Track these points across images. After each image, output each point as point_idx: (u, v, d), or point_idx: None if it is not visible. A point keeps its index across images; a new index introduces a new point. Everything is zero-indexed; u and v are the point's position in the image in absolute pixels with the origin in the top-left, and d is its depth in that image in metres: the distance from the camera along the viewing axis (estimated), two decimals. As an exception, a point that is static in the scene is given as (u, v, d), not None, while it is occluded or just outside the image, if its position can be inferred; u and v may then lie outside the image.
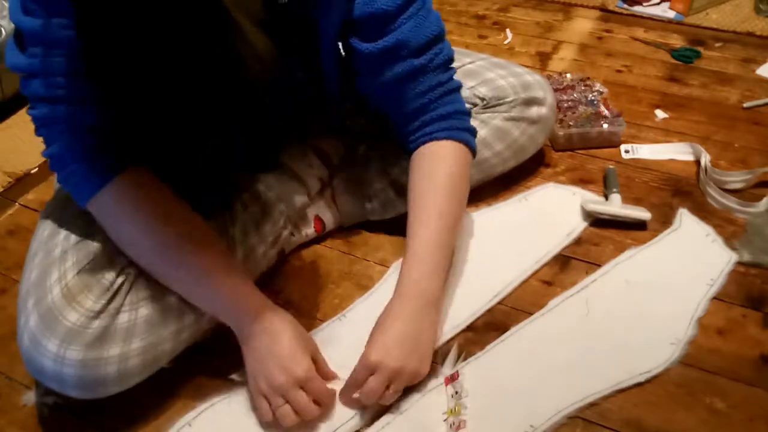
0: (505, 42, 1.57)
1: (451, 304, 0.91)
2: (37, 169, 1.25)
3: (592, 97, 1.23)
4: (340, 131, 1.05)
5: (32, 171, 1.25)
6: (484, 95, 1.03)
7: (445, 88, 0.87)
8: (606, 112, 1.20)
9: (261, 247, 0.93)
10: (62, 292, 0.75)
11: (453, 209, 0.87)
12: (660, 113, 1.29)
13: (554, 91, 1.13)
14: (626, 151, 1.18)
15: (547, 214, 1.06)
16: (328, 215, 1.03)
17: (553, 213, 1.07)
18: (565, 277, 0.96)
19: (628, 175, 1.13)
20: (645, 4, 1.64)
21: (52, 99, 0.72)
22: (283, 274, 1.00)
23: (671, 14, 1.61)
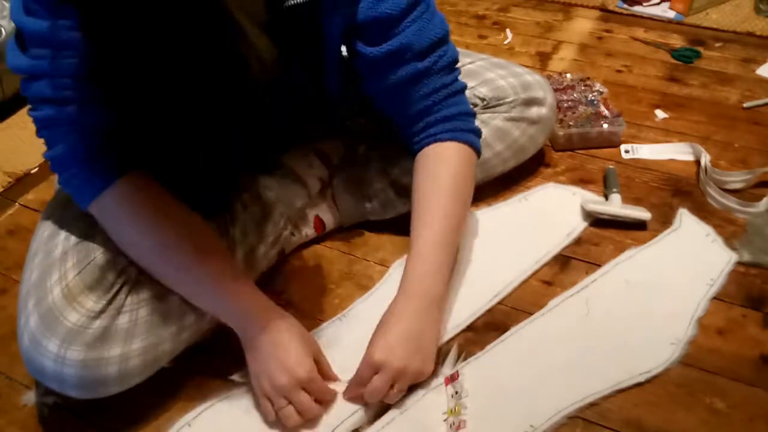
0: (505, 42, 1.57)
1: (452, 304, 0.91)
2: (37, 169, 1.25)
3: (592, 97, 1.23)
4: (340, 131, 1.05)
5: (32, 171, 1.25)
6: (484, 95, 1.03)
7: (450, 90, 0.87)
8: (606, 112, 1.20)
9: (261, 247, 0.93)
10: (63, 293, 0.75)
11: (457, 210, 0.87)
12: (660, 113, 1.29)
13: (554, 91, 1.13)
14: (626, 151, 1.18)
15: (547, 214, 1.06)
16: (328, 215, 1.03)
17: (553, 213, 1.07)
18: (565, 277, 0.96)
19: (628, 175, 1.13)
20: (645, 4, 1.64)
21: (59, 100, 0.72)
22: (284, 275, 1.00)
23: (671, 14, 1.61)
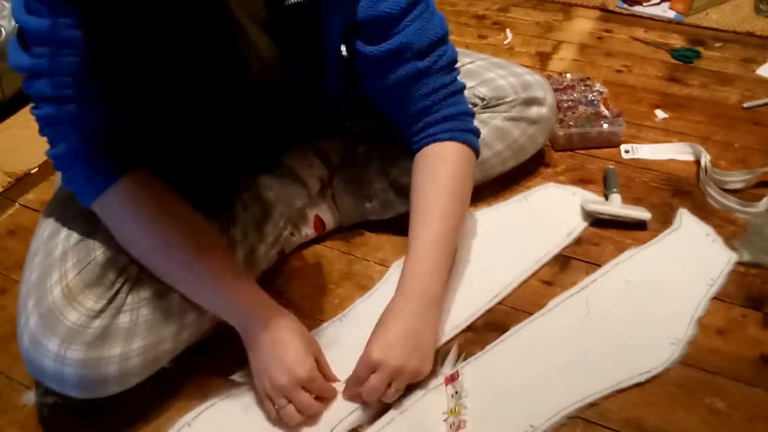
0: (505, 42, 1.57)
1: (452, 305, 0.91)
2: (37, 169, 1.25)
3: (592, 97, 1.23)
4: (340, 131, 1.05)
5: (32, 171, 1.25)
6: (483, 95, 1.03)
7: (449, 90, 0.87)
8: (606, 112, 1.20)
9: (261, 247, 0.93)
10: (63, 292, 0.75)
11: (455, 210, 0.87)
12: (660, 113, 1.29)
13: (554, 91, 1.13)
14: (626, 151, 1.18)
15: (547, 214, 1.06)
16: (328, 215, 1.03)
17: (553, 213, 1.07)
18: (565, 277, 0.96)
19: (628, 175, 1.13)
20: (645, 4, 1.64)
21: (59, 99, 0.72)
22: (284, 274, 1.00)
23: (671, 14, 1.61)
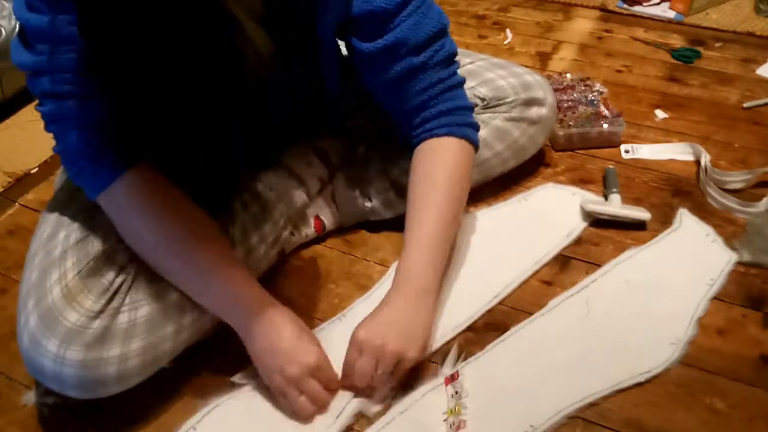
0: (505, 42, 1.57)
1: (452, 305, 0.91)
2: (37, 169, 1.25)
3: (592, 97, 1.23)
4: (340, 131, 1.05)
5: (32, 171, 1.25)
6: (484, 95, 1.03)
7: (446, 85, 0.87)
8: (606, 112, 1.20)
9: (261, 247, 0.93)
10: (62, 293, 0.75)
11: (451, 207, 0.87)
12: (660, 113, 1.29)
13: (554, 91, 1.13)
14: (626, 151, 1.18)
15: (547, 214, 1.06)
16: (328, 215, 1.03)
17: (553, 213, 1.06)
18: (565, 277, 0.96)
19: (628, 175, 1.13)
20: (645, 4, 1.64)
21: (60, 95, 0.72)
22: (283, 274, 1.00)
23: (671, 14, 1.61)
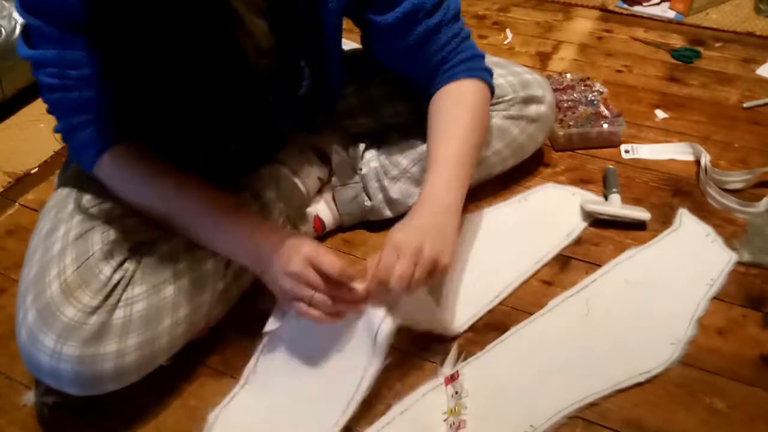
0: (505, 42, 1.57)
1: (452, 305, 0.91)
2: (37, 169, 1.25)
3: (592, 97, 1.23)
4: (340, 131, 1.05)
5: (32, 171, 1.25)
6: (483, 94, 1.03)
7: (460, 38, 0.90)
8: (606, 112, 1.20)
9: (261, 246, 0.93)
10: (61, 288, 0.75)
11: (473, 134, 0.88)
12: (660, 113, 1.29)
13: (554, 91, 1.13)
14: (626, 151, 1.18)
15: (547, 214, 1.06)
16: (328, 215, 1.03)
17: (553, 213, 1.06)
18: (565, 277, 0.96)
19: (628, 175, 1.13)
20: (645, 4, 1.64)
21: (60, 87, 0.76)
22: (283, 274, 1.00)
23: (671, 14, 1.61)
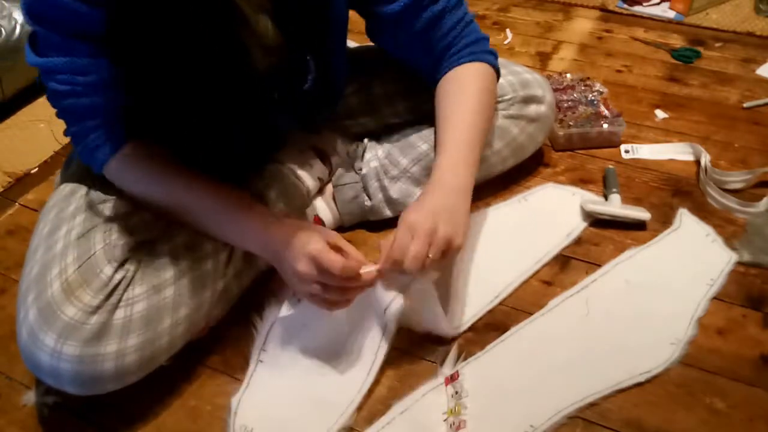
0: (505, 42, 1.57)
1: (453, 305, 0.91)
2: (37, 169, 1.25)
3: (592, 97, 1.23)
4: (340, 131, 1.05)
5: (32, 171, 1.25)
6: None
7: (464, 22, 0.91)
8: (606, 112, 1.20)
9: (261, 246, 0.93)
10: (62, 287, 0.75)
11: (482, 117, 0.89)
12: (660, 113, 1.29)
13: (554, 91, 1.13)
14: (626, 151, 1.18)
15: (547, 214, 1.06)
16: (328, 215, 1.03)
17: (553, 213, 1.06)
18: (565, 277, 0.96)
19: (628, 175, 1.13)
20: (645, 4, 1.64)
21: (67, 93, 0.76)
22: (283, 274, 1.00)
23: (671, 14, 1.61)
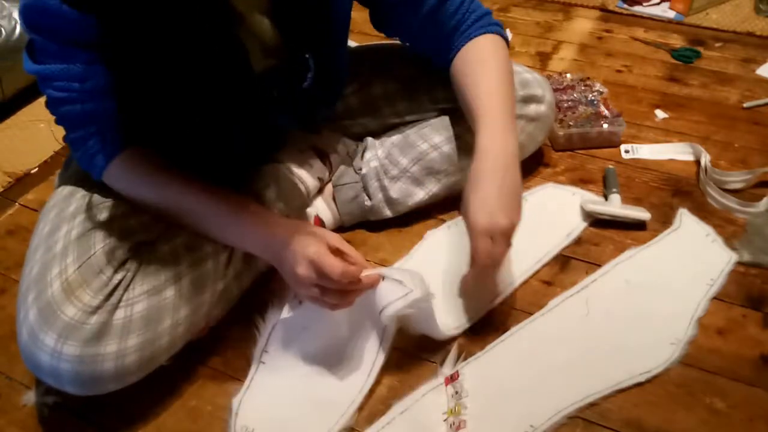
0: (505, 42, 1.57)
1: (453, 305, 0.91)
2: (37, 169, 1.25)
3: (592, 97, 1.23)
4: (340, 131, 1.05)
5: (32, 171, 1.25)
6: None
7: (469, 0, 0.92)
8: (606, 112, 1.20)
9: (261, 246, 0.93)
10: (62, 287, 0.75)
11: (508, 86, 0.90)
12: (660, 113, 1.29)
13: (554, 91, 1.13)
14: (626, 151, 1.18)
15: (547, 214, 1.06)
16: (328, 215, 1.03)
17: (553, 213, 1.06)
18: (565, 277, 0.96)
19: (628, 175, 1.13)
20: (645, 4, 1.64)
21: (65, 100, 0.76)
22: (283, 274, 1.00)
23: (671, 14, 1.61)
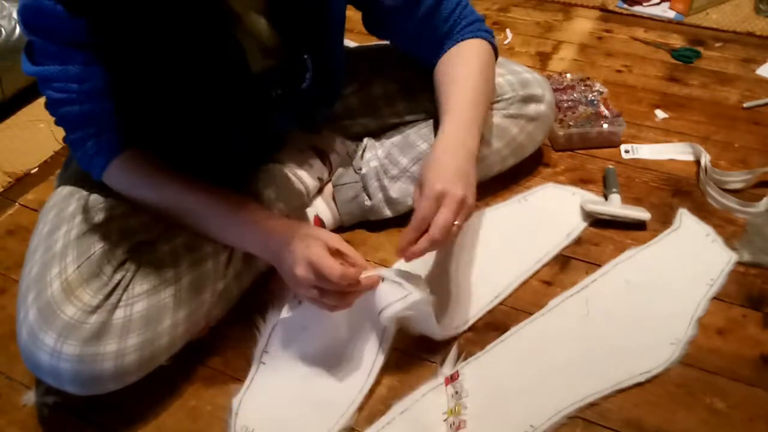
0: (505, 42, 1.57)
1: (453, 305, 0.91)
2: (37, 169, 1.25)
3: (592, 97, 1.23)
4: (340, 131, 1.05)
5: (32, 171, 1.25)
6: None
7: (462, 5, 0.93)
8: (606, 112, 1.20)
9: (261, 246, 0.93)
10: (62, 286, 0.76)
11: (486, 86, 0.91)
12: (660, 113, 1.29)
13: (554, 91, 1.13)
14: (626, 151, 1.18)
15: (547, 214, 1.06)
16: (328, 215, 1.03)
17: (553, 213, 1.06)
18: (565, 277, 0.96)
19: (628, 175, 1.13)
20: (645, 4, 1.64)
21: (64, 101, 0.77)
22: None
23: (671, 14, 1.61)
